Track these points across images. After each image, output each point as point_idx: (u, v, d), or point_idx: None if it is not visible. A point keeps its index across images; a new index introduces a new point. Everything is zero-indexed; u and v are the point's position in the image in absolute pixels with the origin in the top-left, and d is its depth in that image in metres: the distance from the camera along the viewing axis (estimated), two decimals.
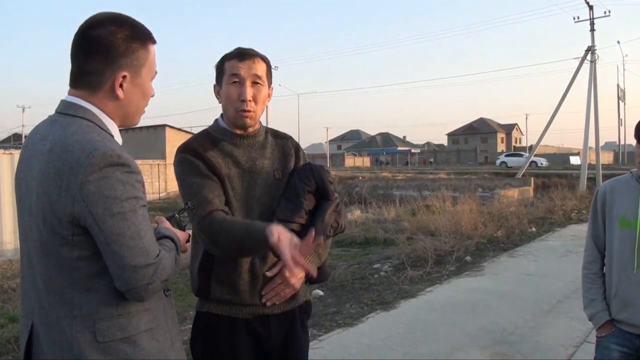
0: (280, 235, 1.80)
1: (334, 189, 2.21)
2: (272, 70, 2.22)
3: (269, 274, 2.07)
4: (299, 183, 2.14)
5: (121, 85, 1.52)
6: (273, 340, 2.11)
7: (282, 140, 2.26)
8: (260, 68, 2.09)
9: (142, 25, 1.59)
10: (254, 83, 2.08)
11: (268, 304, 2.07)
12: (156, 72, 1.63)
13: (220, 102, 2.15)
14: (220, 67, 2.13)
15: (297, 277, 2.06)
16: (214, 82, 2.17)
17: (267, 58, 2.16)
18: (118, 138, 1.56)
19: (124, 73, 1.51)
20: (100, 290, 1.44)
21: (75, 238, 1.41)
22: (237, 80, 2.07)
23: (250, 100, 2.06)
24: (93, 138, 1.42)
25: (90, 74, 1.51)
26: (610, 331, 2.41)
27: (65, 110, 1.52)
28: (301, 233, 2.06)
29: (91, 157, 1.37)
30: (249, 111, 2.07)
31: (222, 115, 2.18)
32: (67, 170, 1.38)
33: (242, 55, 2.08)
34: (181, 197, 2.09)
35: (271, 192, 2.13)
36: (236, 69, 2.07)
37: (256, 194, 2.11)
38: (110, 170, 1.39)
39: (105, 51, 1.48)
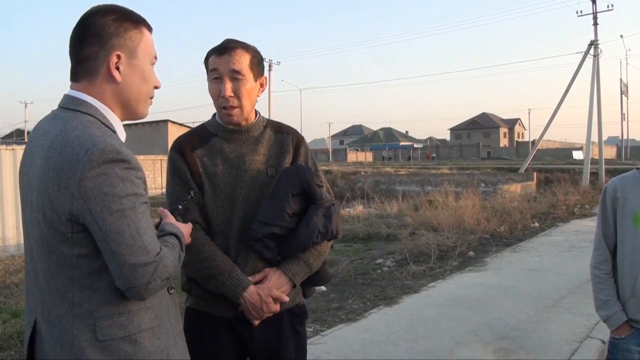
0: (251, 298, 1.96)
1: (321, 193, 2.08)
2: (261, 60, 2.12)
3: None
4: (283, 185, 2.04)
5: (118, 68, 1.50)
6: (256, 344, 2.06)
7: (282, 136, 2.16)
8: (239, 61, 2.00)
9: (135, 12, 1.58)
10: (233, 78, 2.00)
11: (255, 323, 2.03)
12: (156, 57, 1.61)
13: None
14: (205, 63, 2.08)
15: (276, 306, 2.03)
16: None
17: (251, 48, 2.07)
18: (121, 133, 1.53)
19: (118, 52, 1.49)
20: (101, 289, 1.42)
21: (75, 235, 1.39)
22: (216, 76, 2.01)
23: (230, 96, 2.00)
24: (93, 134, 1.40)
25: (86, 61, 1.49)
26: (629, 332, 2.34)
27: (67, 104, 1.50)
28: (286, 237, 2.04)
29: (89, 153, 1.35)
30: (231, 107, 2.01)
31: None
32: (65, 166, 1.36)
33: (220, 50, 2.01)
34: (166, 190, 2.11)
35: (260, 190, 2.06)
36: (215, 64, 2.01)
37: (242, 191, 2.04)
38: (109, 167, 1.36)
39: (97, 34, 1.48)
